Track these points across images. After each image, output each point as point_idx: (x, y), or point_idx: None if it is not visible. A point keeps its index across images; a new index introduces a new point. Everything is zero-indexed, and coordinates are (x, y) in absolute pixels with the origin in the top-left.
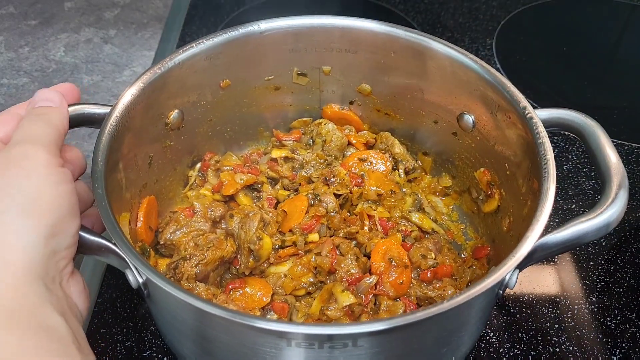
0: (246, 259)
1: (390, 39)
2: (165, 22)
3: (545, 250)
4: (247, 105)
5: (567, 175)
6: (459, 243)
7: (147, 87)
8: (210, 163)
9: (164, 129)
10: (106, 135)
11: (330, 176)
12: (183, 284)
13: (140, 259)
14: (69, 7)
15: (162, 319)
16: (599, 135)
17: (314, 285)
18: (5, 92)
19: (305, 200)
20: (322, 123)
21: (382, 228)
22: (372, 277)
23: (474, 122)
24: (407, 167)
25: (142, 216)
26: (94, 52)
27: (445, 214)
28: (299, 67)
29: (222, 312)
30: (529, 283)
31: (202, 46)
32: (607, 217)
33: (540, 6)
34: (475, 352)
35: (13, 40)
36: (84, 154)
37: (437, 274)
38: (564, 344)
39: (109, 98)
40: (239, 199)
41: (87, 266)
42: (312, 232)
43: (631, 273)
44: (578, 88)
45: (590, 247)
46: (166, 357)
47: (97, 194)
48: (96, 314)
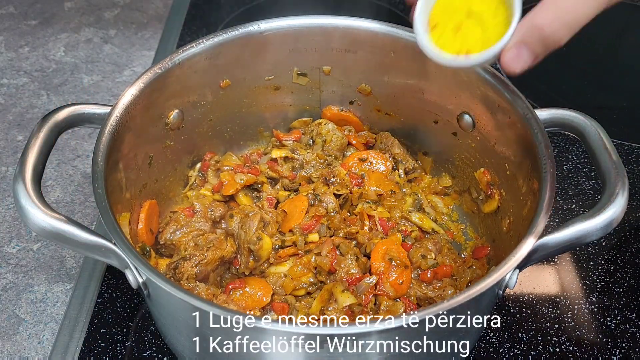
0: (246, 259)
1: (390, 39)
2: (165, 22)
3: (545, 250)
4: (247, 105)
5: (567, 175)
6: (459, 243)
7: (147, 87)
8: (210, 163)
9: (164, 129)
10: (106, 135)
11: (330, 176)
12: (183, 284)
13: (140, 259)
14: (69, 7)
15: (162, 319)
16: (599, 135)
17: (314, 285)
18: (5, 92)
19: (305, 200)
20: (322, 123)
21: (382, 228)
22: (372, 277)
23: (474, 122)
24: (407, 167)
25: (144, 218)
26: (94, 52)
27: (445, 214)
28: (299, 67)
29: (222, 312)
30: (529, 283)
31: (202, 46)
32: (607, 217)
33: None
34: (475, 352)
35: (13, 40)
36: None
37: (437, 274)
38: (564, 344)
39: (109, 98)
40: (239, 199)
41: (87, 266)
42: (312, 232)
43: (631, 273)
44: (578, 88)
45: (590, 247)
46: (166, 357)
47: (97, 194)
48: (96, 314)
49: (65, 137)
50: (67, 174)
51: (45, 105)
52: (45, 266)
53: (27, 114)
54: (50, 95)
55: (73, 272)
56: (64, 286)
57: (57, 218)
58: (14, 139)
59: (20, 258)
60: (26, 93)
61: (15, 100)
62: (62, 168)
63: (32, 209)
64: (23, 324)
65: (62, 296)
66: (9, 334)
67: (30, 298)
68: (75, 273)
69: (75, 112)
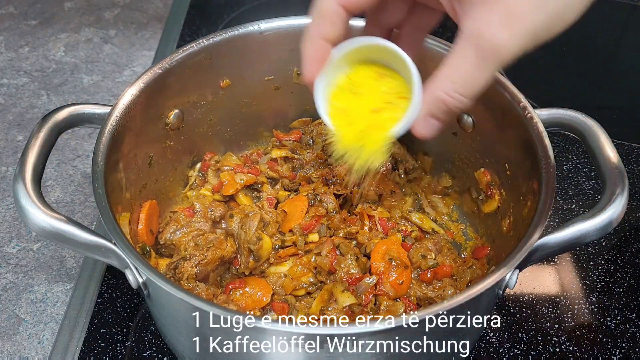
0: (246, 259)
1: None
2: (165, 22)
3: (545, 250)
4: (247, 105)
5: (567, 175)
6: (459, 243)
7: (147, 87)
8: (210, 163)
9: (164, 129)
10: (106, 135)
11: (330, 176)
12: (183, 284)
13: (140, 259)
14: (69, 7)
15: (162, 319)
16: (599, 135)
17: (314, 285)
18: (5, 92)
19: (305, 200)
20: (322, 123)
21: (382, 228)
22: (372, 277)
23: (474, 122)
24: (407, 167)
25: (144, 218)
26: (94, 52)
27: (445, 214)
28: (299, 67)
29: (222, 312)
30: (529, 283)
31: (202, 46)
32: (607, 216)
33: None
34: (475, 352)
35: (13, 40)
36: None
37: (437, 274)
38: (564, 344)
39: (109, 98)
40: (239, 199)
41: (87, 266)
42: (312, 232)
43: (631, 273)
44: (578, 88)
45: (590, 247)
46: (166, 357)
47: (97, 194)
48: (96, 314)
49: (65, 137)
50: (67, 174)
51: (45, 105)
52: (45, 266)
53: (27, 114)
54: (50, 95)
55: (73, 272)
56: (64, 286)
57: (57, 218)
58: (14, 139)
59: (20, 258)
60: (26, 93)
61: (15, 100)
62: (62, 168)
63: (32, 209)
64: (23, 324)
65: (62, 296)
66: (9, 334)
67: (30, 298)
68: (75, 273)
69: (75, 112)
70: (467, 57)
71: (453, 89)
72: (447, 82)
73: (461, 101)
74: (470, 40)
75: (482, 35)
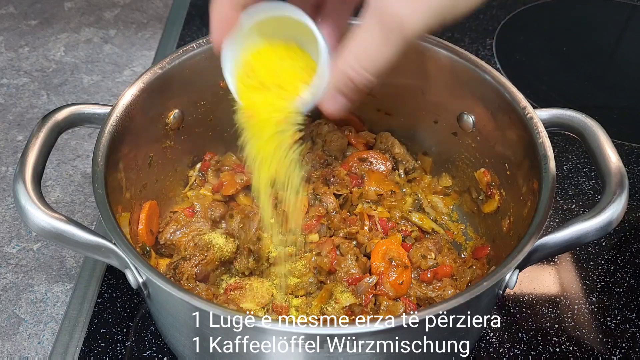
0: (246, 259)
1: None
2: (165, 22)
3: (545, 250)
4: None
5: (567, 175)
6: (459, 243)
7: (147, 87)
8: (210, 163)
9: (164, 129)
10: (106, 135)
11: (330, 176)
12: (183, 284)
13: (140, 259)
14: (69, 7)
15: (162, 319)
16: (599, 135)
17: (314, 285)
18: (5, 92)
19: (305, 200)
20: (322, 123)
21: (382, 228)
22: (372, 277)
23: (474, 122)
24: (407, 167)
25: (144, 219)
26: (94, 52)
27: (445, 214)
28: None
29: (222, 312)
30: (529, 283)
31: (202, 46)
32: (607, 216)
33: (540, 6)
34: (475, 352)
35: (13, 40)
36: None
37: (437, 274)
38: (564, 344)
39: (109, 98)
40: (239, 199)
41: (87, 266)
42: (312, 232)
43: (631, 273)
44: (578, 88)
45: (590, 247)
46: (166, 357)
47: (97, 194)
48: (96, 314)
49: (65, 137)
50: (67, 174)
51: (45, 105)
52: (45, 266)
53: (27, 114)
54: (50, 95)
55: (73, 272)
56: (64, 286)
57: (57, 218)
58: (14, 139)
59: (20, 258)
60: (26, 93)
61: (15, 100)
62: (62, 168)
63: (32, 209)
64: (23, 324)
65: (62, 296)
66: (9, 334)
67: (30, 298)
68: (75, 273)
69: (75, 112)
70: (371, 31)
71: (358, 64)
72: (352, 56)
73: (366, 78)
74: (375, 15)
75: (386, 9)
